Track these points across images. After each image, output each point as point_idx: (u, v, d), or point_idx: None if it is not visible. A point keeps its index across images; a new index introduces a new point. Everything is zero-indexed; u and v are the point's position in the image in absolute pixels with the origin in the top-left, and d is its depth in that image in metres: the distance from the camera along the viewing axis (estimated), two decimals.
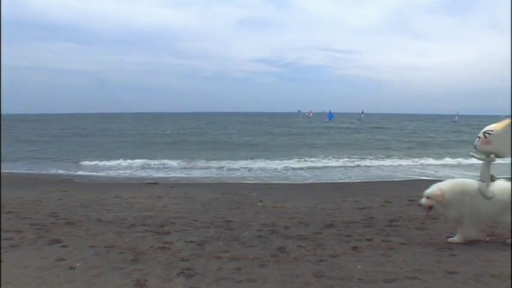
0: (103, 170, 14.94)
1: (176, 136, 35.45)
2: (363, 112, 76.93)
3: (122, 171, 14.69)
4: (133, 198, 8.22)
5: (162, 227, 5.63)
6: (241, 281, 3.59)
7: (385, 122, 66.81)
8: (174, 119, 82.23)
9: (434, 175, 12.86)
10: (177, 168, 15.51)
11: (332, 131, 42.77)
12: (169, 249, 4.56)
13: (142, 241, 4.88)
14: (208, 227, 5.61)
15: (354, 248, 4.50)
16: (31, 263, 4.07)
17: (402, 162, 17.06)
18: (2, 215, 6.18)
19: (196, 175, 13.69)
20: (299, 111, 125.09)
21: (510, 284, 3.40)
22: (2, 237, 4.90)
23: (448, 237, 4.85)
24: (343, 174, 13.73)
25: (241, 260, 4.14)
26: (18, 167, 15.66)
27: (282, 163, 16.32)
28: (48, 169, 15.24)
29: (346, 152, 20.59)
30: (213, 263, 4.05)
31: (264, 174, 13.98)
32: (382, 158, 18.25)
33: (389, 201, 7.61)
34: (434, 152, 20.83)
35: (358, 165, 16.17)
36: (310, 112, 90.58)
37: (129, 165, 16.10)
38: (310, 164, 16.25)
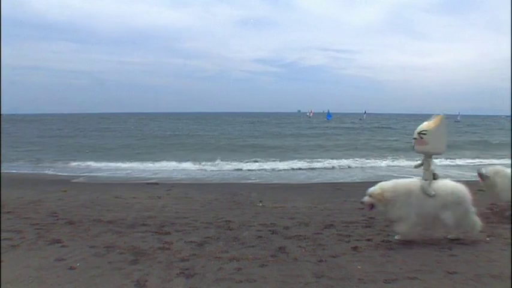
0: (103, 170, 14.92)
1: (176, 136, 35.41)
2: (365, 112, 77.17)
3: (122, 172, 14.68)
4: (134, 198, 8.22)
5: (162, 227, 5.63)
6: (241, 281, 3.59)
7: (386, 122, 66.73)
8: (174, 119, 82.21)
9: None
10: (177, 168, 15.49)
11: (333, 131, 42.75)
12: (169, 249, 4.56)
13: (142, 241, 4.89)
14: (208, 227, 5.62)
15: (354, 248, 4.51)
16: (31, 263, 4.08)
17: (402, 162, 17.03)
18: (2, 215, 6.18)
19: (196, 175, 13.68)
20: (299, 111, 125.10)
21: (510, 285, 3.40)
22: (2, 237, 4.90)
23: (447, 237, 4.85)
24: (344, 174, 13.72)
25: (241, 260, 4.14)
26: (18, 167, 15.64)
27: (282, 163, 16.30)
28: (48, 169, 15.23)
29: (347, 152, 20.58)
30: (213, 263, 4.05)
31: (264, 174, 13.97)
32: (382, 158, 18.22)
33: None
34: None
35: (359, 165, 16.15)
36: (311, 112, 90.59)
37: (129, 165, 16.08)
38: (310, 164, 16.22)
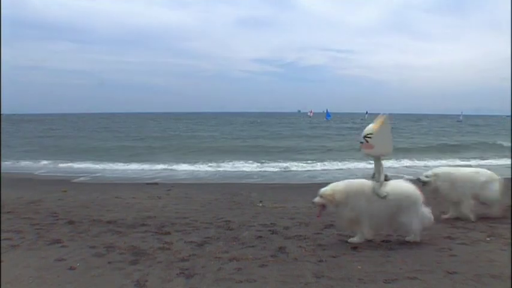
0: (103, 171, 14.93)
1: (176, 136, 35.40)
2: (367, 112, 77.15)
3: (122, 172, 14.69)
4: (134, 198, 8.22)
5: (162, 227, 5.63)
6: (241, 281, 3.59)
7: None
8: (174, 119, 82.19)
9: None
10: (177, 168, 15.50)
11: (333, 131, 42.72)
12: (169, 249, 4.56)
13: (142, 241, 4.88)
14: (208, 228, 5.61)
15: (354, 248, 4.50)
16: (31, 263, 4.08)
17: (406, 162, 17.03)
18: (2, 215, 6.18)
19: (196, 175, 13.70)
20: (299, 111, 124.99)
21: (510, 285, 3.39)
22: (2, 237, 4.90)
23: (447, 237, 4.85)
24: (344, 174, 13.71)
25: (241, 261, 4.13)
26: (18, 167, 15.65)
27: (282, 163, 16.31)
28: (48, 169, 15.24)
29: (347, 152, 20.55)
30: (213, 263, 4.05)
31: (264, 174, 13.98)
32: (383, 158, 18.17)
33: None
34: (437, 154, 20.71)
35: (359, 165, 16.13)
36: (311, 112, 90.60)
37: (129, 165, 16.09)
38: (310, 164, 16.24)
